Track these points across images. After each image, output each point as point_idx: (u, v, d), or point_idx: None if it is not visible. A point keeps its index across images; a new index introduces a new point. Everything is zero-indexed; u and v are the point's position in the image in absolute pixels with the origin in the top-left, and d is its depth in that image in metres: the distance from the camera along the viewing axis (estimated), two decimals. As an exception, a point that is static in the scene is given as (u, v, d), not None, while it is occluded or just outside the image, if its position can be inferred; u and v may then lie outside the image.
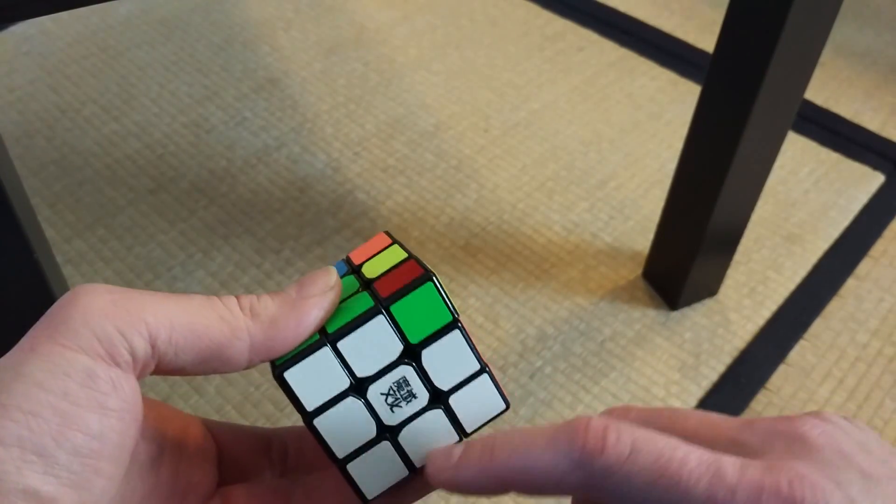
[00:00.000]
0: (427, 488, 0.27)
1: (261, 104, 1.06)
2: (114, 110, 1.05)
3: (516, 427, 0.25)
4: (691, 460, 0.21)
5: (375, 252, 0.27)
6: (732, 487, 0.21)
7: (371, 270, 0.27)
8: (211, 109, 1.06)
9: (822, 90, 1.12)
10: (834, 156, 1.03)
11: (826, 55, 1.16)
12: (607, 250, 0.91)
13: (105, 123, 1.03)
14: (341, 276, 0.27)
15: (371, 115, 1.06)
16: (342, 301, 0.26)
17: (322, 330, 0.25)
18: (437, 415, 0.26)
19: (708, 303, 0.86)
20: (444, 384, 0.26)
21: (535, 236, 0.92)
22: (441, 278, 0.90)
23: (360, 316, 0.24)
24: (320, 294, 0.25)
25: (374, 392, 0.25)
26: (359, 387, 0.25)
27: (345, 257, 0.28)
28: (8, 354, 0.22)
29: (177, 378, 0.77)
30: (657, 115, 1.07)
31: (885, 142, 1.05)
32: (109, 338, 0.22)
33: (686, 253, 0.80)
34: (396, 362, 0.25)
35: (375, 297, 0.25)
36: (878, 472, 0.22)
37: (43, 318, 0.22)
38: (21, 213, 0.48)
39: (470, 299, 0.85)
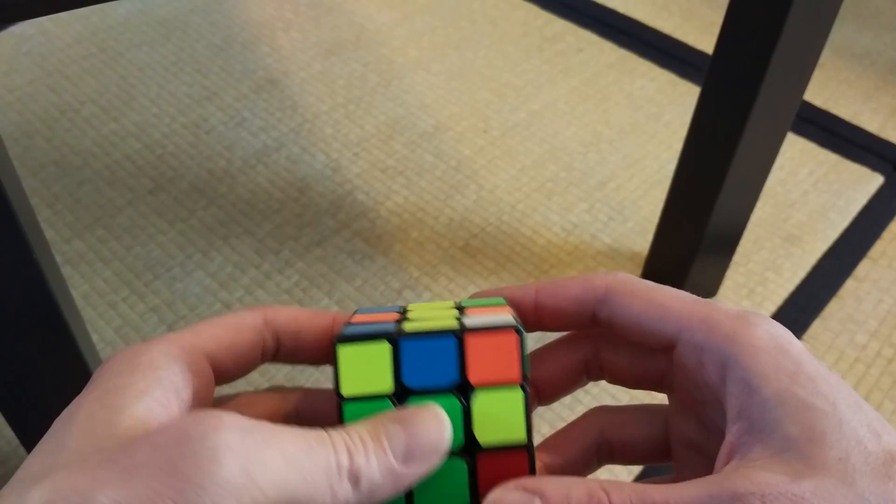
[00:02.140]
0: None
1: (260, 105, 1.06)
2: (113, 111, 1.05)
3: None
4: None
5: (498, 380, 0.24)
6: (721, 306, 0.25)
7: (484, 423, 0.24)
8: (210, 110, 1.06)
9: (822, 91, 1.12)
10: (833, 157, 1.03)
11: (825, 56, 1.16)
12: (606, 251, 0.91)
13: (104, 124, 1.03)
14: (445, 386, 0.24)
15: (370, 115, 1.06)
16: None
17: (406, 497, 0.24)
18: None
19: (707, 304, 0.86)
20: None
21: (535, 237, 0.92)
22: (441, 280, 0.90)
23: None
24: (428, 463, 0.23)
25: None
26: None
27: (458, 339, 0.24)
28: (126, 491, 0.20)
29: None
30: (656, 116, 1.08)
31: (884, 143, 1.05)
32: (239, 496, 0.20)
33: (685, 254, 0.80)
34: None
35: (473, 490, 0.23)
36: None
37: (170, 455, 0.20)
38: (20, 213, 0.48)
39: (469, 300, 0.85)
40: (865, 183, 1.00)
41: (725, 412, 0.24)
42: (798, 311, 0.86)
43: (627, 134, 1.05)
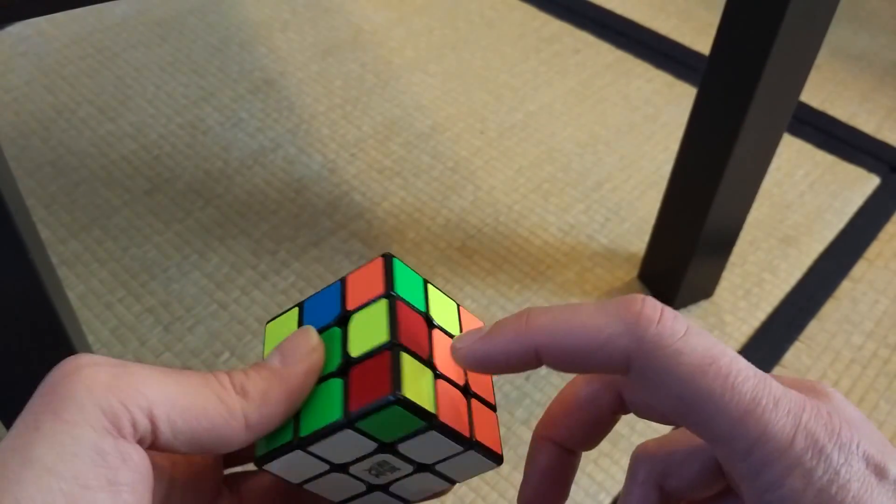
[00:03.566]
0: None
1: (257, 105, 1.06)
2: (110, 111, 1.05)
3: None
4: (741, 362, 0.21)
5: (368, 299, 0.26)
6: (777, 397, 0.21)
7: (355, 337, 0.25)
8: (207, 111, 1.05)
9: (818, 92, 1.12)
10: (829, 158, 1.03)
11: (822, 58, 1.16)
12: (603, 252, 0.91)
13: (101, 124, 1.03)
14: (330, 322, 0.26)
15: (367, 116, 1.06)
16: (321, 378, 0.25)
17: (295, 420, 0.25)
18: (425, 476, 0.26)
19: (703, 304, 0.86)
20: (427, 460, 0.26)
21: (532, 238, 0.92)
22: (437, 280, 0.90)
23: (328, 426, 0.24)
24: (304, 360, 0.25)
25: (357, 468, 0.26)
26: (340, 467, 0.25)
27: (342, 281, 0.27)
28: (12, 433, 0.21)
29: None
30: (653, 117, 1.08)
31: (880, 144, 1.05)
32: (114, 410, 0.21)
33: (682, 255, 0.80)
34: (373, 453, 0.25)
35: (345, 400, 0.24)
36: (885, 439, 0.23)
37: (43, 391, 0.22)
38: (16, 213, 0.48)
39: (466, 301, 0.85)
40: (862, 184, 1.00)
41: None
42: (794, 312, 0.86)
43: (624, 135, 1.05)
